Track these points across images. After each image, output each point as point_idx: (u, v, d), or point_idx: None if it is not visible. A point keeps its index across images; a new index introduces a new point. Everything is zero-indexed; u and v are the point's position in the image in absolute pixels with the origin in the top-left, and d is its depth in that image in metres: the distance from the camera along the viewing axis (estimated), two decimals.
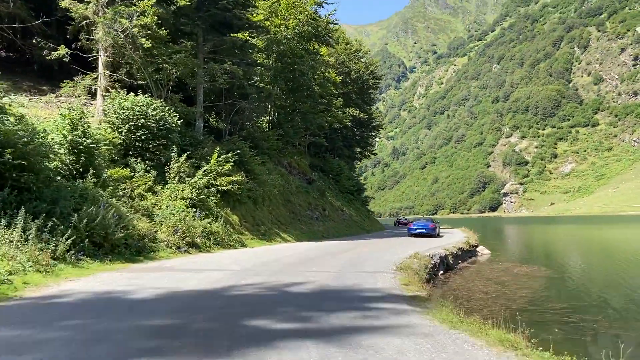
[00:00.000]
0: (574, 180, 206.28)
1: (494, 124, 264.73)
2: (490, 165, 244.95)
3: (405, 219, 75.03)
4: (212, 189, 18.61)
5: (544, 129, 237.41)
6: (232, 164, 19.78)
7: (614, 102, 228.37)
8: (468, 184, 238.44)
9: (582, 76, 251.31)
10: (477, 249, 23.87)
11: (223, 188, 19.12)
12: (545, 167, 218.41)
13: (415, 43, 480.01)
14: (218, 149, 19.99)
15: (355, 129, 47.15)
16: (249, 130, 24.51)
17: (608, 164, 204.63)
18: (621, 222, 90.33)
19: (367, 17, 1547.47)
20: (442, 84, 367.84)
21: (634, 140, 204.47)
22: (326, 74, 33.91)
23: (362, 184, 51.44)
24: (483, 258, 22.86)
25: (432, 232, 29.37)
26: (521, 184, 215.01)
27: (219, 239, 16.59)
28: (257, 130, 25.72)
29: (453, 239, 24.85)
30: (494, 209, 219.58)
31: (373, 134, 52.80)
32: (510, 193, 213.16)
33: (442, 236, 28.77)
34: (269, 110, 28.17)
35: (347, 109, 39.57)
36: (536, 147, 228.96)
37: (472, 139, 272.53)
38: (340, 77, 38.15)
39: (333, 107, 34.97)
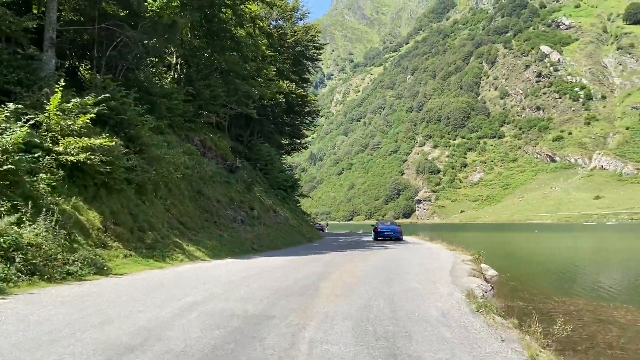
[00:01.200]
0: (482, 189, 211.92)
1: (408, 132, 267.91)
2: (404, 173, 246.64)
3: (319, 224, 70.85)
4: (47, 158, 9.24)
5: (454, 139, 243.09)
6: (95, 118, 10.46)
7: (518, 115, 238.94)
8: (383, 190, 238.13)
9: (489, 90, 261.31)
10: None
11: (71, 159, 9.79)
12: (455, 175, 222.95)
13: (333, 51, 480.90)
14: (66, 91, 10.54)
15: (285, 116, 38.37)
16: (139, 78, 15.24)
17: (513, 174, 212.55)
18: (531, 229, 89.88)
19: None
20: (358, 91, 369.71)
21: (537, 153, 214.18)
22: (256, 32, 25.31)
23: (296, 178, 42.42)
24: (494, 280, 15.29)
25: (399, 236, 29.07)
26: (433, 191, 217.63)
27: (39, 262, 7.35)
28: (154, 83, 16.46)
29: (443, 253, 17.25)
30: (407, 215, 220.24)
31: (307, 121, 43.68)
32: (424, 200, 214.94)
33: (405, 241, 26.31)
34: (176, 59, 19.05)
35: (282, 82, 30.98)
36: (447, 157, 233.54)
37: (388, 146, 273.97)
38: (270, 47, 29.49)
39: (265, 77, 26.33)
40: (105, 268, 8.88)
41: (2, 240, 6.91)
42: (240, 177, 21.73)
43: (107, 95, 10.93)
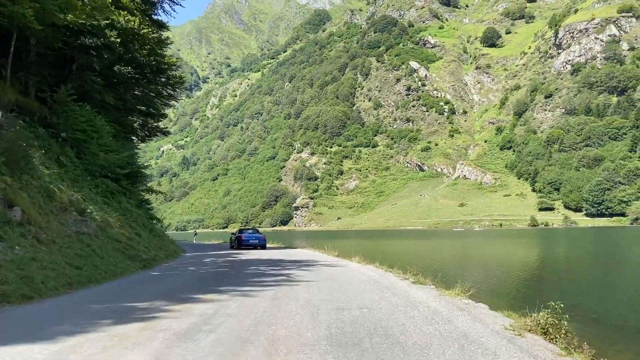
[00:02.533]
0: (357, 196, 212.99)
1: (286, 139, 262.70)
2: (282, 180, 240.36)
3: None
4: None
5: (331, 147, 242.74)
6: None
7: (390, 126, 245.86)
8: (260, 197, 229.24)
9: (364, 101, 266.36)
10: None
11: None
12: (332, 183, 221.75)
13: (209, 54, 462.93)
14: None
15: (135, 83, 26.93)
16: None
17: (386, 182, 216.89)
18: (413, 236, 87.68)
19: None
20: (236, 96, 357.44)
21: (407, 162, 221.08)
22: None
23: (141, 165, 30.01)
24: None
25: (264, 243, 28.85)
26: (311, 198, 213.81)
27: None
28: None
29: (401, 285, 8.57)
30: (285, 222, 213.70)
31: (166, 92, 31.59)
32: (301, 207, 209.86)
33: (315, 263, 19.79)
34: None
35: (116, 11, 19.96)
36: (325, 164, 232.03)
37: (265, 152, 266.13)
38: None
39: None
40: None
41: None
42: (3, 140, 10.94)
43: None
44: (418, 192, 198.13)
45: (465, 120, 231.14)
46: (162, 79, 27.86)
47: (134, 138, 32.23)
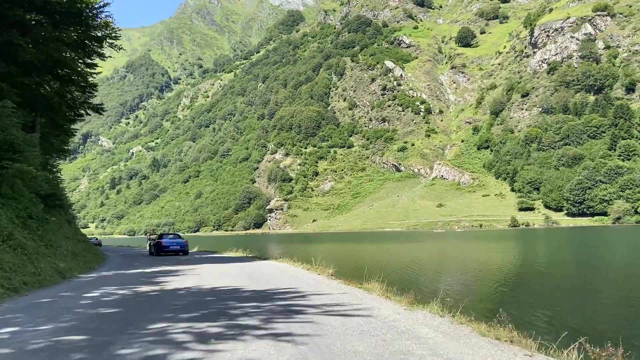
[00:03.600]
0: (333, 198, 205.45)
1: (259, 140, 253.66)
2: (255, 181, 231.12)
3: (97, 238, 63.31)
4: None
5: (306, 148, 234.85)
6: None
7: (366, 126, 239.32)
8: (233, 199, 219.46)
9: (339, 101, 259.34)
10: None
11: None
12: (307, 184, 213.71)
13: (180, 54, 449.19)
14: None
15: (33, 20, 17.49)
16: None
17: (362, 183, 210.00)
18: (393, 238, 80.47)
19: (128, 21, 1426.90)
20: (208, 97, 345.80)
21: (384, 162, 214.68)
22: None
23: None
24: None
25: (185, 249, 27.53)
26: (286, 200, 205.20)
27: None
28: None
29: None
30: (259, 225, 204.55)
31: (91, 45, 21.18)
32: (276, 209, 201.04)
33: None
34: None
35: None
36: (299, 165, 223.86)
37: (238, 153, 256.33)
38: None
39: None
40: None
41: None
42: None
43: None
44: (395, 193, 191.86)
45: (441, 120, 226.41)
46: (79, 28, 19.42)
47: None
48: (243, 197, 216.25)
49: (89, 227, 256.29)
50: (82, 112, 26.73)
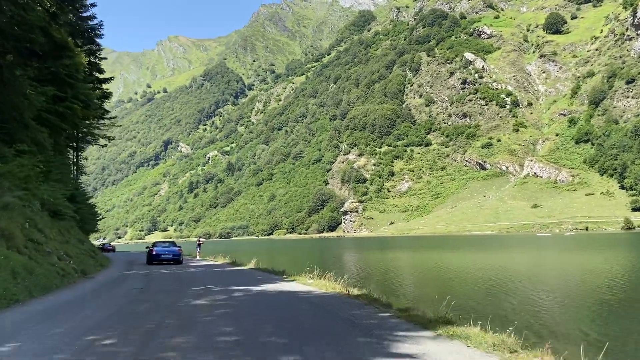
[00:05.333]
0: (411, 199, 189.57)
1: (332, 140, 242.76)
2: (328, 183, 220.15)
3: (110, 244, 60.17)
4: None
5: (380, 147, 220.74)
6: None
7: (444, 123, 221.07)
8: (306, 202, 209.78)
9: (414, 97, 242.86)
10: None
11: None
12: (383, 185, 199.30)
13: (254, 61, 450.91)
14: None
15: None
16: None
17: (443, 182, 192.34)
18: (487, 242, 64.80)
19: (205, 32, 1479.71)
20: (280, 100, 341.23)
21: (466, 160, 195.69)
22: None
23: None
24: None
25: (178, 258, 26.01)
26: (360, 201, 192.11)
27: None
28: None
29: None
30: (332, 228, 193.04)
31: None
32: (350, 211, 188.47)
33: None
34: None
35: None
36: (374, 165, 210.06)
37: (311, 155, 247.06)
38: None
39: None
40: None
41: None
42: None
43: None
44: (481, 193, 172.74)
45: (531, 113, 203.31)
46: None
47: None
48: (316, 199, 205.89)
49: (168, 230, 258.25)
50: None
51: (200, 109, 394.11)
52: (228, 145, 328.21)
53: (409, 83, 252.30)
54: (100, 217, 47.58)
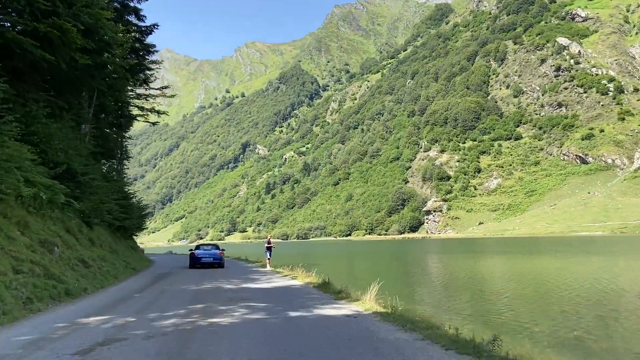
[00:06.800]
0: (502, 197, 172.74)
1: (411, 137, 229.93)
2: (408, 181, 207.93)
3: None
4: None
5: (464, 142, 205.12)
6: None
7: (536, 114, 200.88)
8: (385, 201, 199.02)
9: (500, 89, 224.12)
10: None
11: None
12: (469, 182, 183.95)
13: (328, 62, 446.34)
14: None
15: None
16: None
17: (537, 179, 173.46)
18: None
19: (281, 36, 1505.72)
20: (355, 99, 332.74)
21: (564, 154, 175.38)
22: None
23: None
24: None
25: (220, 261, 25.18)
26: (445, 200, 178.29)
27: None
28: None
29: None
30: (414, 229, 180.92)
31: None
32: (434, 211, 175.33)
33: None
34: None
35: None
36: (458, 161, 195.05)
37: (388, 153, 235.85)
38: None
39: None
40: None
41: None
42: None
43: None
44: (584, 189, 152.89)
45: (638, 100, 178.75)
46: None
47: None
48: (396, 199, 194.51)
49: (246, 230, 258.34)
50: None
51: (277, 111, 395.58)
52: (304, 146, 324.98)
53: (493, 74, 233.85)
54: (146, 211, 39.57)
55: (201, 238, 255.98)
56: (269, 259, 26.37)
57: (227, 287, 15.03)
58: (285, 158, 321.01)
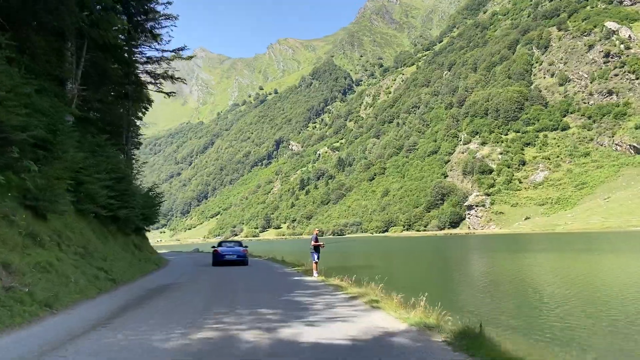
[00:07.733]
0: (549, 190, 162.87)
1: (449, 130, 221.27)
2: (447, 175, 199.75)
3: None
4: None
5: (507, 134, 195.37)
6: None
7: (584, 103, 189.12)
8: (424, 196, 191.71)
9: (544, 77, 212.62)
10: None
11: None
12: (513, 175, 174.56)
13: (361, 56, 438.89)
14: None
15: None
16: None
17: (588, 171, 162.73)
18: None
19: (313, 32, 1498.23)
20: (389, 93, 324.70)
21: (616, 144, 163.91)
22: None
23: None
24: None
25: (243, 259, 24.73)
26: (487, 194, 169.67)
27: None
28: None
29: None
30: (455, 224, 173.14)
31: None
32: (476, 206, 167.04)
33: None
34: None
35: None
36: (501, 154, 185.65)
37: (426, 147, 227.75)
38: None
39: None
40: None
41: None
42: None
43: None
44: None
45: None
46: None
47: None
48: (435, 194, 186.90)
49: (280, 227, 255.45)
50: None
51: (310, 107, 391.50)
52: (338, 141, 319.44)
53: (536, 62, 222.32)
54: (158, 204, 31.39)
55: (236, 235, 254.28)
56: (316, 262, 19.26)
57: (249, 335, 7.24)
58: (319, 154, 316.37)
